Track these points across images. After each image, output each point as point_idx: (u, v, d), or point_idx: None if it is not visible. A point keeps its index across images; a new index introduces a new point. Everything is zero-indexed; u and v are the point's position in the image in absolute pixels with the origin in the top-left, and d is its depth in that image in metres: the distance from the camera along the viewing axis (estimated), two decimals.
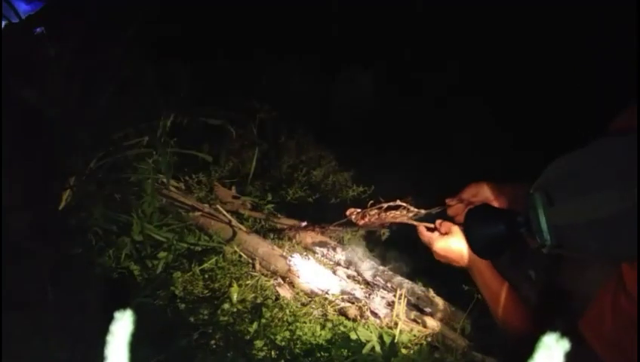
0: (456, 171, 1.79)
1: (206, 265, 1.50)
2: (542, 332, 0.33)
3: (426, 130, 2.07)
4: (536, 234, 0.89)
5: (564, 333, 0.32)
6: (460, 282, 1.45)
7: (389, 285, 1.53)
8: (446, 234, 1.35)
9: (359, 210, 1.46)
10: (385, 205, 1.42)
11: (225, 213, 1.68)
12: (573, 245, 0.87)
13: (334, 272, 1.57)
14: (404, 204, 1.41)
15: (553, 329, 0.32)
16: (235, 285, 1.44)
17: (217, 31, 2.20)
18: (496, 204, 1.31)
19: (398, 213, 1.43)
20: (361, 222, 1.45)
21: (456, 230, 1.35)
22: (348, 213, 1.47)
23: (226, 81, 2.17)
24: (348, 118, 2.29)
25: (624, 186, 0.77)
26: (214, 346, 1.24)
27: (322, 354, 1.26)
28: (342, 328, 1.37)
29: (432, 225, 1.39)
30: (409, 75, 2.21)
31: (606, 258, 0.92)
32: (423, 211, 1.42)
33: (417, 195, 1.50)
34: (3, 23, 1.50)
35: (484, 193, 1.33)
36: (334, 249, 1.66)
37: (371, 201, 1.44)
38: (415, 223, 1.42)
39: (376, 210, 1.43)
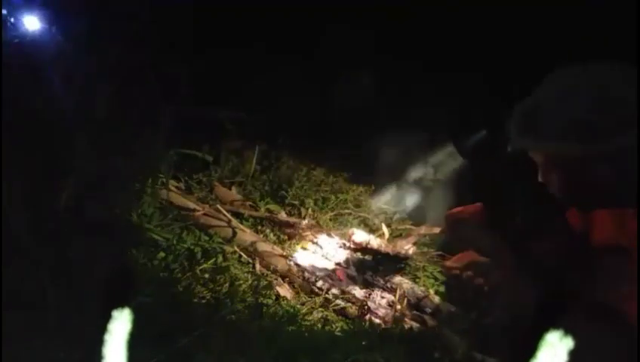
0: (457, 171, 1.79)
1: (206, 265, 1.50)
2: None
3: (426, 130, 2.07)
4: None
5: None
6: None
7: (389, 285, 1.53)
8: None
9: None
10: None
11: (225, 212, 1.67)
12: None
13: (334, 272, 1.57)
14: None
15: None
16: (235, 285, 1.44)
17: (218, 31, 2.20)
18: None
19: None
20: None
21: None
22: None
23: (227, 80, 2.17)
24: (348, 118, 2.29)
25: None
26: (214, 346, 1.23)
27: (322, 353, 1.26)
28: (342, 328, 1.37)
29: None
30: (409, 75, 2.21)
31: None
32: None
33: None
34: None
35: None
36: (334, 249, 1.66)
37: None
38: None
39: None
